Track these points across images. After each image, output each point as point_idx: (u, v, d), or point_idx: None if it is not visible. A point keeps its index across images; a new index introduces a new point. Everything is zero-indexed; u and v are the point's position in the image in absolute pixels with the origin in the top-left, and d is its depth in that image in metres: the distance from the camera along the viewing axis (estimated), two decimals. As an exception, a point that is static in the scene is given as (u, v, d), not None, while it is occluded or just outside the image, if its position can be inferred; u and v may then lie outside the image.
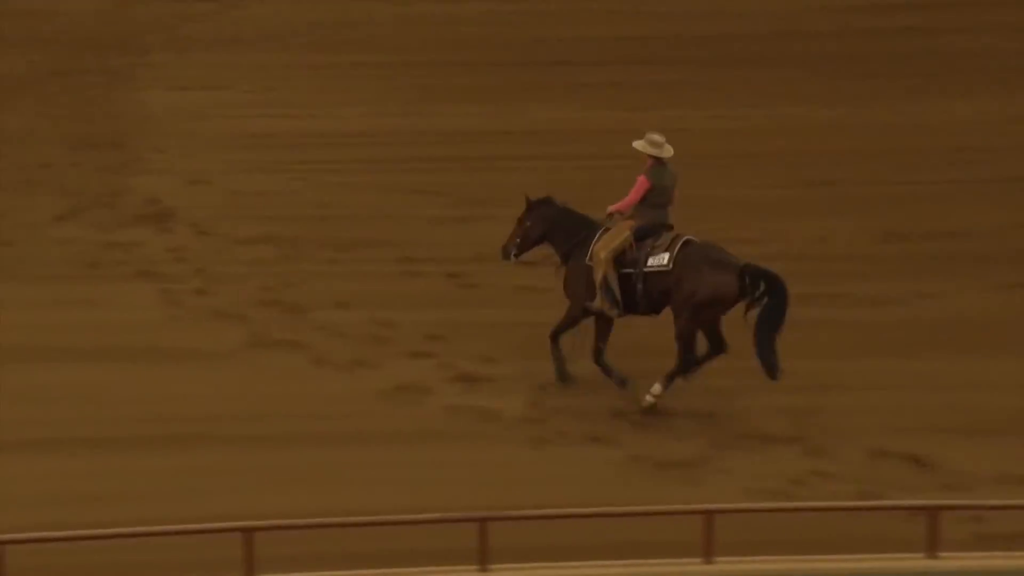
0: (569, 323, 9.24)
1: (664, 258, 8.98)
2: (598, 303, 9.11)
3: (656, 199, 9.19)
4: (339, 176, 13.15)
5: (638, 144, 9.28)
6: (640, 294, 9.05)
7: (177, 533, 6.31)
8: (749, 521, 6.79)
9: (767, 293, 8.68)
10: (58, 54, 17.70)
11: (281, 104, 15.83)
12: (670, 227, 9.20)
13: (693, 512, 6.47)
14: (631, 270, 9.05)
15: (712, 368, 8.85)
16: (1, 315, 9.74)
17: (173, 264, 10.92)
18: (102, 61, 17.48)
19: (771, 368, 8.61)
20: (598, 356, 9.12)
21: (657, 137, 9.28)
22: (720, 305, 8.86)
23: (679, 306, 8.89)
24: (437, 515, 6.41)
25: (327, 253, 11.24)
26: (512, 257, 9.60)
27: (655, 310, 9.12)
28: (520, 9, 21.53)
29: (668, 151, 9.27)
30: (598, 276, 9.10)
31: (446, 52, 18.68)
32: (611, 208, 9.30)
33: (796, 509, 6.97)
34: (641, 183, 9.19)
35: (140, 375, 8.97)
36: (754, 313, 8.68)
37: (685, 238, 9.07)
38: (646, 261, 9.02)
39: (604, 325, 9.15)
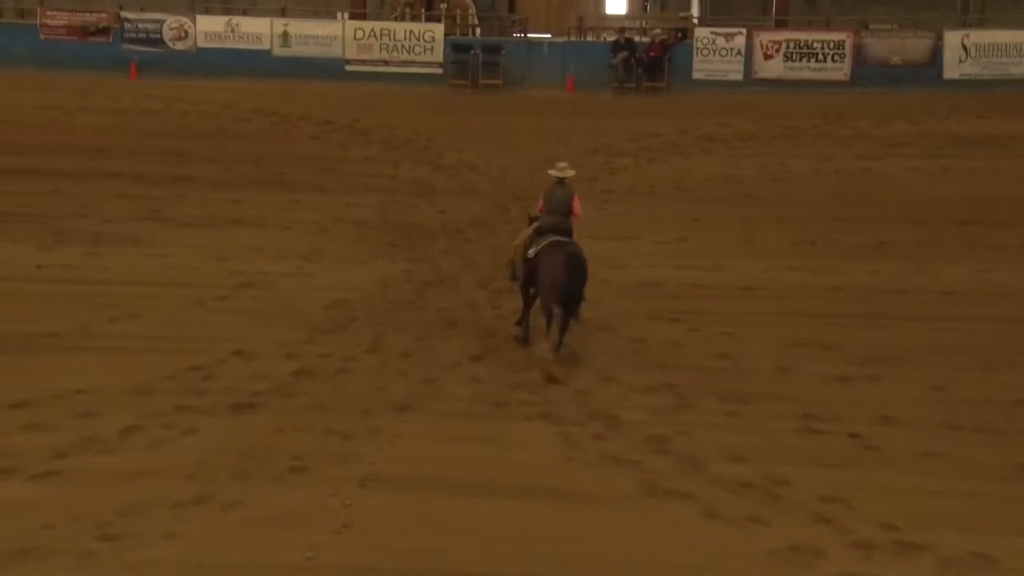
0: (525, 301, 12.68)
1: (532, 251, 12.17)
2: (508, 276, 12.90)
3: (551, 207, 12.36)
4: (733, 327, 13.07)
5: (551, 171, 12.59)
6: (526, 274, 12.33)
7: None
8: None
9: (567, 273, 11.66)
10: (485, 203, 18.81)
11: (687, 255, 16.02)
12: (568, 231, 12.26)
13: None
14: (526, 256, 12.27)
15: None
16: (409, 446, 10.31)
17: (574, 407, 11.13)
18: (528, 210, 18.31)
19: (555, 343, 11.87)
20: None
21: (561, 164, 12.66)
22: (554, 285, 11.80)
23: (536, 285, 12.20)
24: None
25: (724, 405, 11.14)
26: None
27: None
28: (939, 167, 20.87)
29: (566, 173, 12.50)
30: (508, 259, 12.85)
31: (852, 207, 18.33)
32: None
33: None
34: (541, 196, 12.57)
35: (529, 514, 9.13)
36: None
37: (554, 239, 12.06)
38: (528, 251, 12.23)
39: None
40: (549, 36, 30.79)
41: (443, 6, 29.65)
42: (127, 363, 11.85)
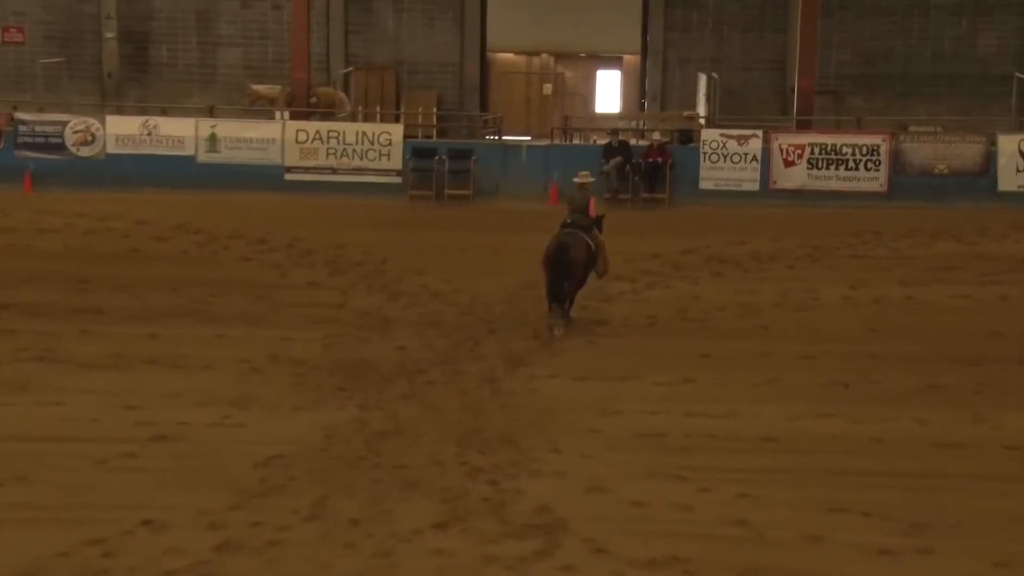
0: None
1: (551, 239, 18.95)
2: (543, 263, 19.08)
3: (573, 207, 19.38)
4: (752, 487, 12.99)
5: (575, 179, 19.72)
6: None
7: None
8: None
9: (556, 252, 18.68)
10: (452, 337, 18.82)
11: (694, 399, 16.00)
12: (585, 226, 19.03)
13: None
14: None
15: None
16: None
17: (560, 587, 11.01)
18: (503, 346, 18.34)
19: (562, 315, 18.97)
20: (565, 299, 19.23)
21: (583, 172, 20.00)
22: (545, 260, 18.80)
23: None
24: None
25: (743, 584, 11.04)
26: None
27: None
28: (995, 295, 21.05)
29: (587, 180, 19.71)
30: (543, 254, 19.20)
31: (893, 343, 18.45)
32: None
33: None
34: (567, 200, 19.95)
35: None
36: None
37: (566, 229, 18.95)
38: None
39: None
40: (528, 138, 31.34)
41: (312, 100, 30.37)
42: (8, 538, 11.64)
